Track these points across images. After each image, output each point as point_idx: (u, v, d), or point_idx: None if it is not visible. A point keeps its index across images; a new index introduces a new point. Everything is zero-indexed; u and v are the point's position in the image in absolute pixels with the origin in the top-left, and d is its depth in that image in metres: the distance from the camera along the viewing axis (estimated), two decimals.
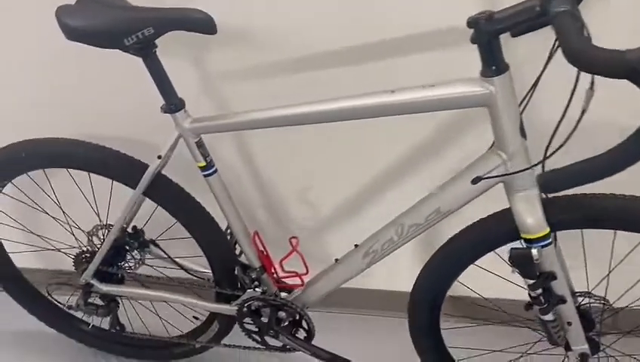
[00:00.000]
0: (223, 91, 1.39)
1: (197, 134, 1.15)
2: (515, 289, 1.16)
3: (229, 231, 1.32)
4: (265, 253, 1.32)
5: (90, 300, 1.44)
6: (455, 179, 1.05)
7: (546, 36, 0.83)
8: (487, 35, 0.87)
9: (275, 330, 1.35)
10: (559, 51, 0.73)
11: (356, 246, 1.23)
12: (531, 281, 1.04)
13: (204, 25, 0.98)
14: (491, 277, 1.25)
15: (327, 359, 1.37)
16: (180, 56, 1.32)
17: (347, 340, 1.54)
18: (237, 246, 1.32)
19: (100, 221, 1.42)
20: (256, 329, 1.39)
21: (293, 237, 1.31)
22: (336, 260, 1.27)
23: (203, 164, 1.17)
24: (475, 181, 1.02)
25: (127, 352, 1.63)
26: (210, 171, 1.18)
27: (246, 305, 1.34)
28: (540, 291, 1.05)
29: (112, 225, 1.38)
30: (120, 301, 1.50)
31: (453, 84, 0.95)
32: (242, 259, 1.34)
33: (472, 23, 0.87)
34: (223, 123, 1.12)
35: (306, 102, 1.04)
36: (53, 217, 1.53)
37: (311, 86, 1.31)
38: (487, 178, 1.00)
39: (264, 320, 1.37)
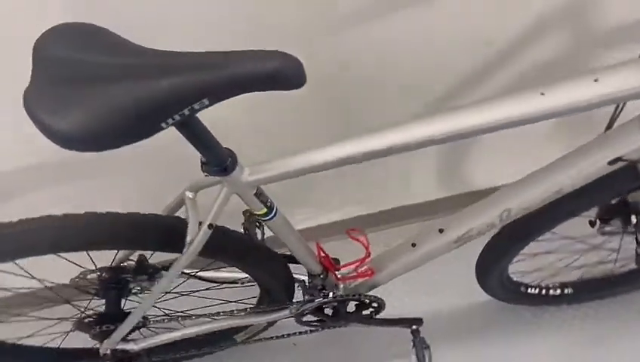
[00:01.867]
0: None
1: (256, 187, 0.83)
2: None
3: None
4: (325, 255, 1.11)
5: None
6: (586, 154, 0.89)
7: None
8: None
9: (346, 320, 1.22)
10: None
11: (441, 231, 1.06)
12: None
13: (291, 79, 0.61)
14: None
15: (397, 325, 1.29)
16: None
17: None
18: None
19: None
20: (318, 321, 1.25)
21: (352, 230, 1.10)
22: (414, 245, 1.10)
23: (263, 211, 0.87)
24: (614, 162, 0.86)
25: None
26: (272, 215, 0.89)
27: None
28: None
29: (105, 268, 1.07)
30: None
31: (622, 73, 0.72)
32: None
33: None
34: (293, 169, 0.80)
35: (409, 121, 0.77)
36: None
37: None
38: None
39: (328, 312, 1.22)
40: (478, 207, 1.01)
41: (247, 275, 1.13)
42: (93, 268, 1.08)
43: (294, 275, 1.14)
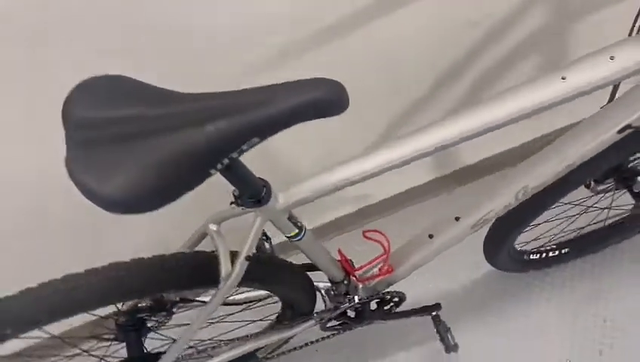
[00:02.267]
0: None
1: (289, 211, 0.81)
2: None
3: None
4: (346, 260, 1.11)
5: None
6: (595, 126, 0.91)
7: None
8: None
9: (369, 319, 1.23)
10: None
11: (457, 218, 1.07)
12: None
13: (337, 104, 0.59)
14: None
15: (418, 315, 1.30)
16: None
17: None
18: None
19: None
20: (341, 324, 1.25)
21: (369, 231, 1.10)
22: (431, 236, 1.11)
23: (295, 232, 0.85)
24: (623, 130, 0.89)
25: None
26: (302, 235, 0.87)
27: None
28: None
29: (122, 311, 1.03)
30: None
31: (635, 48, 0.74)
32: None
33: None
34: (324, 187, 0.79)
35: (430, 125, 0.77)
36: None
37: None
38: None
39: (351, 315, 1.22)
40: (493, 189, 1.02)
41: (267, 292, 1.12)
42: (107, 313, 1.03)
43: (315, 284, 1.12)
